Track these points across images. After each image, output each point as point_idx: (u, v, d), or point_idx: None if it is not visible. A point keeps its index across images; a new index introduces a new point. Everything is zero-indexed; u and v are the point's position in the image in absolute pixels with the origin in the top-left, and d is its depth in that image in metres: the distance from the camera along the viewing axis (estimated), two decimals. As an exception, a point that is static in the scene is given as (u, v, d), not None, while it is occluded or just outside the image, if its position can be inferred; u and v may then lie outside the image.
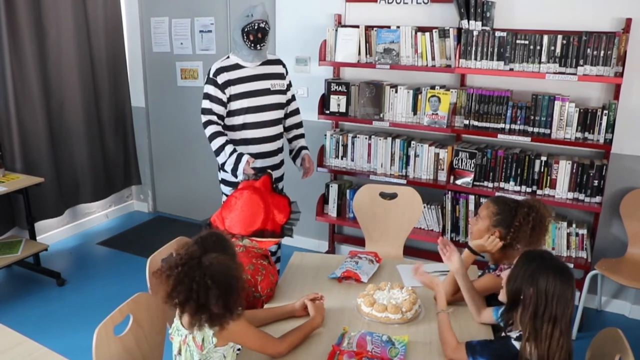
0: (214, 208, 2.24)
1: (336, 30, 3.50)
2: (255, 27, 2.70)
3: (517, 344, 1.53)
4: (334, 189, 3.67)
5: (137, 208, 4.99)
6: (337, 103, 3.57)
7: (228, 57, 2.83)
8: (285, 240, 3.10)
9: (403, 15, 3.43)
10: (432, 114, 3.32)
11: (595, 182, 2.99)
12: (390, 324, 1.85)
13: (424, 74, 3.43)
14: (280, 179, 3.04)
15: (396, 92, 3.43)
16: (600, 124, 2.94)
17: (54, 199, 4.01)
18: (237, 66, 2.79)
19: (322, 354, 1.68)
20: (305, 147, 3.04)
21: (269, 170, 2.28)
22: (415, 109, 3.40)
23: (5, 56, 3.57)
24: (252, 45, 2.72)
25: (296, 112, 3.06)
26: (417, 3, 3.39)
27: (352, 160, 3.61)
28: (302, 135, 3.07)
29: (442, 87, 3.34)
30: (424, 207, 3.38)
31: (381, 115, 3.50)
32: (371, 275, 2.21)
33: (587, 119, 2.97)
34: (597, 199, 3.01)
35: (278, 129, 2.93)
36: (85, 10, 4.09)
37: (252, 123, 2.82)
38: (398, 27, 3.34)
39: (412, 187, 2.88)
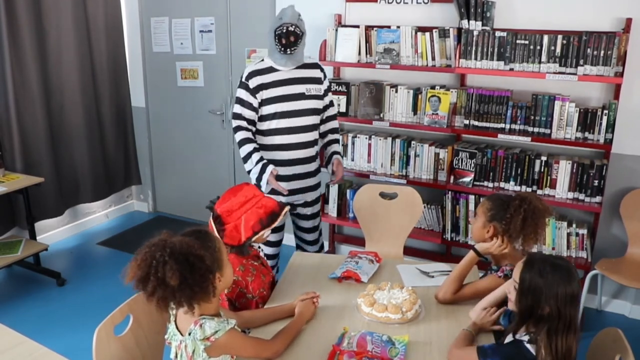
0: (214, 208, 2.24)
1: (336, 30, 3.50)
2: (284, 31, 2.60)
3: (530, 347, 1.52)
4: (334, 189, 3.67)
5: (137, 208, 4.99)
6: (337, 103, 3.56)
7: (262, 59, 2.75)
8: (286, 240, 3.11)
9: (403, 15, 3.43)
10: (432, 113, 3.32)
11: (596, 182, 2.99)
12: (390, 323, 1.85)
13: (424, 74, 3.43)
14: (317, 186, 2.91)
15: (396, 92, 3.43)
16: (601, 123, 2.94)
17: (54, 199, 4.01)
18: (270, 69, 2.69)
19: (322, 354, 1.68)
20: (337, 152, 2.89)
21: (289, 206, 2.23)
22: (415, 109, 3.40)
23: (5, 56, 3.57)
24: (282, 49, 2.62)
25: (333, 117, 2.92)
26: (417, 3, 3.39)
27: (352, 160, 3.61)
28: (336, 141, 2.92)
29: (442, 87, 3.34)
30: (424, 207, 3.38)
31: (381, 115, 3.50)
32: (371, 275, 2.21)
33: (587, 119, 2.97)
34: (597, 199, 3.01)
35: (312, 135, 2.79)
36: (85, 10, 4.09)
37: (284, 128, 2.70)
38: (398, 27, 3.34)
39: (412, 187, 2.88)
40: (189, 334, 1.49)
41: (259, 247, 2.18)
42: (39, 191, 3.75)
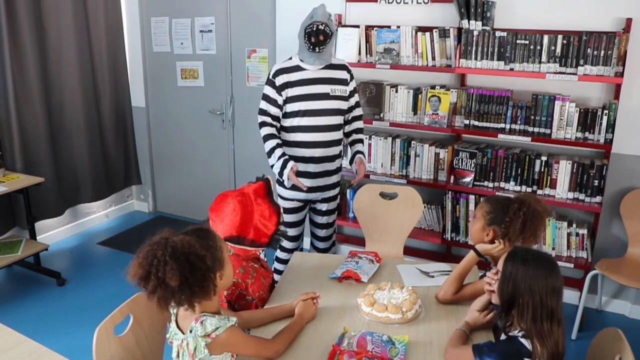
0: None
1: (336, 30, 3.50)
2: (314, 29, 2.62)
3: (525, 342, 1.54)
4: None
5: (137, 208, 4.99)
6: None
7: (290, 58, 2.78)
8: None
9: (403, 15, 3.43)
10: (433, 113, 3.32)
11: (596, 182, 2.99)
12: (390, 323, 1.85)
13: (424, 74, 3.43)
14: (337, 184, 2.94)
15: (396, 92, 3.43)
16: (601, 123, 2.94)
17: (54, 199, 4.01)
18: (297, 68, 2.72)
19: (322, 354, 1.68)
20: (360, 152, 2.92)
21: (267, 176, 2.22)
22: (415, 109, 3.40)
23: (5, 56, 3.57)
24: (311, 47, 2.64)
25: (358, 118, 2.94)
26: (417, 3, 3.39)
27: (353, 160, 3.60)
28: (360, 140, 2.95)
29: (442, 87, 3.34)
30: (424, 207, 3.38)
31: (381, 115, 3.50)
32: (371, 275, 2.21)
33: (587, 118, 2.97)
34: (598, 198, 3.01)
35: (335, 135, 2.81)
36: (85, 10, 4.09)
37: (307, 126, 2.74)
38: (398, 27, 3.34)
39: (412, 187, 2.88)
40: (190, 331, 1.49)
41: (262, 251, 2.17)
42: (39, 191, 3.74)
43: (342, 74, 2.82)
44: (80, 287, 3.58)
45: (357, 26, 3.47)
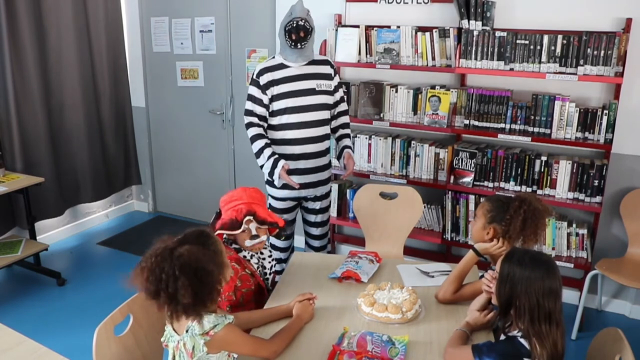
0: (214, 208, 2.24)
1: (336, 30, 3.50)
2: (295, 25, 2.62)
3: (524, 342, 1.54)
4: (334, 189, 3.66)
5: (137, 208, 4.99)
6: (337, 103, 3.56)
7: (273, 57, 2.78)
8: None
9: (403, 15, 3.43)
10: (433, 113, 3.32)
11: (596, 182, 2.99)
12: (390, 323, 1.85)
13: (424, 74, 3.43)
14: (327, 181, 2.95)
15: (396, 92, 3.43)
16: (601, 123, 2.94)
17: (54, 199, 4.01)
18: (281, 66, 2.72)
19: (322, 354, 1.68)
20: (348, 147, 2.93)
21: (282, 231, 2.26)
22: (415, 109, 3.40)
23: (5, 56, 3.57)
24: (293, 44, 2.64)
25: (344, 113, 2.95)
26: (417, 3, 3.39)
27: (352, 160, 3.61)
28: (347, 135, 2.96)
29: (442, 87, 3.34)
30: (424, 207, 3.38)
31: (381, 115, 3.50)
32: (371, 275, 2.21)
33: (587, 118, 2.97)
34: (598, 198, 3.01)
35: (323, 130, 2.83)
36: (85, 10, 4.09)
37: (294, 123, 2.73)
38: (398, 27, 3.34)
39: (412, 187, 2.89)
40: (187, 331, 1.49)
41: (252, 254, 2.16)
42: (39, 191, 3.75)
43: (326, 69, 2.82)
44: (80, 287, 3.58)
45: (357, 26, 3.47)
